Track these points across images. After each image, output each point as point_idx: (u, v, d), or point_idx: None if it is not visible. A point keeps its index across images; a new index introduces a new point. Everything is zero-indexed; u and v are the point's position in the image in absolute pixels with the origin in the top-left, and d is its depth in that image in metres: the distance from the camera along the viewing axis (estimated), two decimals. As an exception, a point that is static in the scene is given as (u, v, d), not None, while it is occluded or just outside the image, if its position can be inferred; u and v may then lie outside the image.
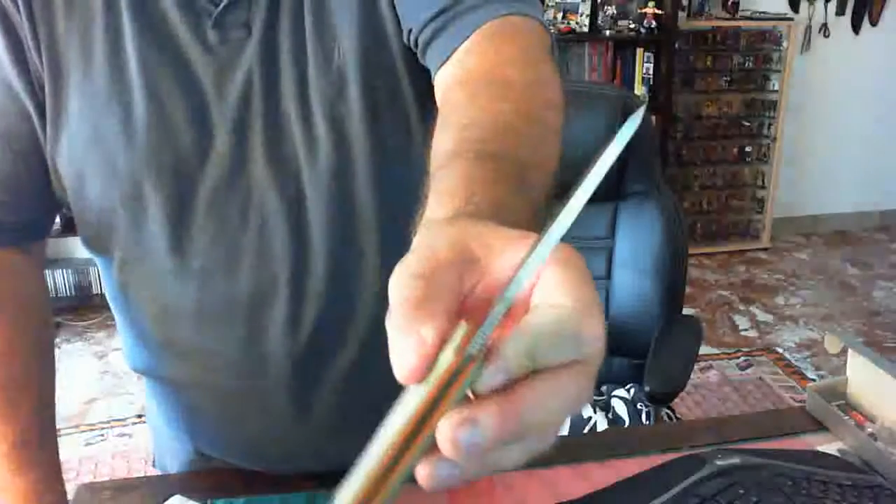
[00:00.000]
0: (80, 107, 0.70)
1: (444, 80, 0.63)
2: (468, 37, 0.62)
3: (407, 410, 0.31)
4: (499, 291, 0.32)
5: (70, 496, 0.88)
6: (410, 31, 0.68)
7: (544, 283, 0.33)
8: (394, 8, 0.70)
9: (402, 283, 0.33)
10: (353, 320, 0.76)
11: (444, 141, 0.51)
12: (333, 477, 0.32)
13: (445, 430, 0.30)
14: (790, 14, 3.84)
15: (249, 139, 0.71)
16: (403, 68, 0.72)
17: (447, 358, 0.31)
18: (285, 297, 0.74)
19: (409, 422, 0.30)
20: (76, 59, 0.69)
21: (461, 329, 0.31)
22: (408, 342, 0.31)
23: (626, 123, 0.32)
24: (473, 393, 0.31)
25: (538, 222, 0.47)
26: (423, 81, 0.71)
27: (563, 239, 0.34)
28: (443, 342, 0.31)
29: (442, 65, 0.64)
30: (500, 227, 0.37)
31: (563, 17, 3.56)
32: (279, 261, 0.73)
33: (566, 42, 3.55)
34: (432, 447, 0.30)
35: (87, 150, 0.71)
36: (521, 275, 0.32)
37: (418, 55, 0.69)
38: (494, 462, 0.32)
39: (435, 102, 0.67)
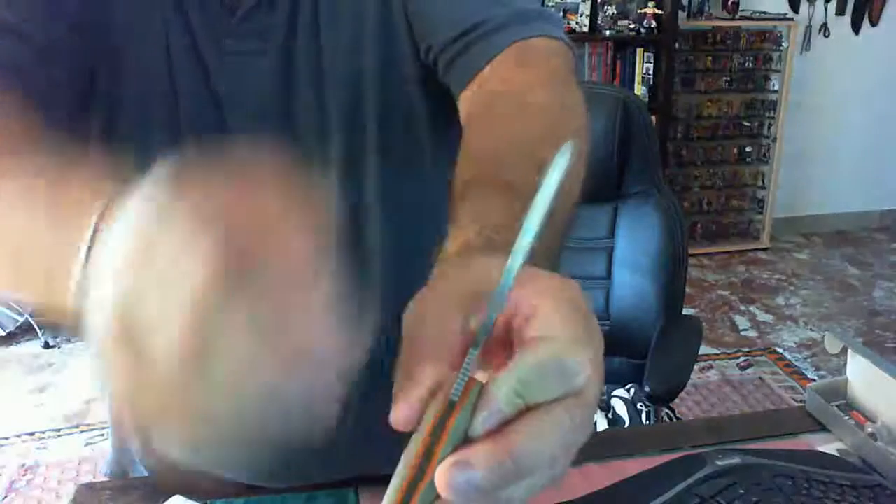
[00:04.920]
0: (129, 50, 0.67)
1: (468, 103, 0.63)
2: (491, 59, 0.62)
3: (407, 459, 0.32)
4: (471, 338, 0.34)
5: (70, 496, 0.88)
6: (430, 48, 0.67)
7: (536, 317, 0.34)
8: (409, 25, 0.68)
9: (406, 330, 0.34)
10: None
11: (465, 169, 0.52)
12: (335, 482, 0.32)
13: (440, 474, 0.31)
14: (790, 14, 3.84)
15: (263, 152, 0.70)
16: (417, 85, 0.71)
17: (435, 405, 0.32)
18: None
19: (409, 471, 0.31)
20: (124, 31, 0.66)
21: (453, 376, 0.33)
22: (399, 390, 0.33)
23: (556, 161, 0.34)
24: (471, 438, 0.32)
25: (559, 246, 0.48)
26: (436, 97, 0.71)
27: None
28: (437, 389, 0.32)
29: (465, 86, 0.63)
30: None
31: (563, 17, 3.56)
32: None
33: (566, 42, 3.55)
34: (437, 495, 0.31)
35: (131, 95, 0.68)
36: (488, 319, 0.34)
37: (438, 73, 0.67)
38: (503, 501, 0.32)
39: (449, 118, 0.66)
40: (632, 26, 3.62)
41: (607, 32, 3.59)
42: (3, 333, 3.15)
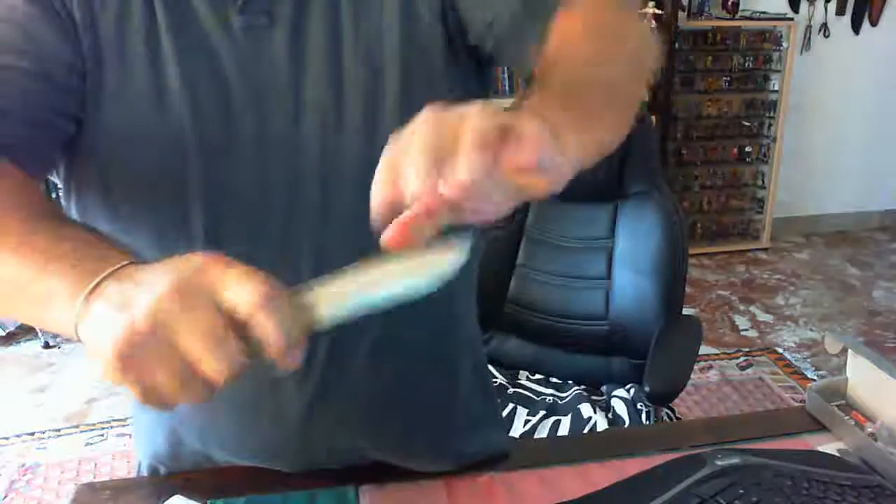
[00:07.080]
0: (116, 92, 0.69)
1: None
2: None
3: None
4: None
5: (70, 496, 0.88)
6: (491, 23, 0.71)
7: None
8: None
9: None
10: (367, 318, 0.76)
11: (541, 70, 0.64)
12: (338, 474, 0.32)
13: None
14: (790, 14, 3.84)
15: (271, 128, 0.71)
16: (440, 58, 0.73)
17: None
18: None
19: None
20: (112, 43, 0.69)
21: None
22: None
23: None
24: None
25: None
26: (457, 63, 0.74)
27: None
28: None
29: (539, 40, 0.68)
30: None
31: (563, 17, 3.56)
32: (303, 254, 0.72)
33: (566, 42, 3.55)
34: None
35: (120, 139, 0.69)
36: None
37: (492, 44, 0.72)
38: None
39: (468, 85, 0.75)
40: (632, 26, 3.62)
41: (607, 32, 3.59)
42: (3, 333, 3.15)
